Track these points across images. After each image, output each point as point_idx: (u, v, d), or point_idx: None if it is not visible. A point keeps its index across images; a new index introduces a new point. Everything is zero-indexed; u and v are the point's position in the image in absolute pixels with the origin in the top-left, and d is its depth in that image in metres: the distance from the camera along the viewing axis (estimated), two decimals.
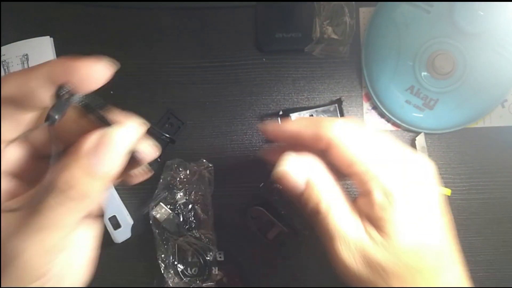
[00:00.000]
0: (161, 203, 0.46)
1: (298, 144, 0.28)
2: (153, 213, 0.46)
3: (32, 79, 0.20)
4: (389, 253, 0.24)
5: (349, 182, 0.45)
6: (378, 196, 0.25)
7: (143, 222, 0.47)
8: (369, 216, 0.25)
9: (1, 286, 0.22)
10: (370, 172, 0.25)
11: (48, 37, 0.50)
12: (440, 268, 0.25)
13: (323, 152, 0.27)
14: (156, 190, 0.46)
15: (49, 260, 0.20)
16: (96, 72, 0.22)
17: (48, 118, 0.19)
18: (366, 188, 0.25)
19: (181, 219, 0.46)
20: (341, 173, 0.27)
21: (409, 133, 0.49)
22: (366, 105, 0.49)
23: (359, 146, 0.26)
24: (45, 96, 0.20)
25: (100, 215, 0.24)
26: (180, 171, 0.47)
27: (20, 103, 0.21)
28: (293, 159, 0.27)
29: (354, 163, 0.25)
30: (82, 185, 0.19)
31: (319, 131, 0.26)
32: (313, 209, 0.26)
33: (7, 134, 0.21)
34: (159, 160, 0.48)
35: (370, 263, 0.25)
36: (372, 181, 0.25)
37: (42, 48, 0.50)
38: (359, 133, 0.26)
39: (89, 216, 0.22)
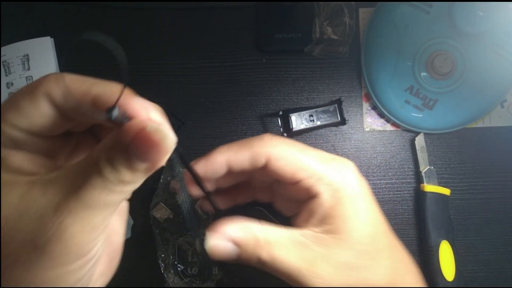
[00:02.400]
0: (161, 203, 0.46)
1: (228, 174, 0.28)
2: (153, 213, 0.46)
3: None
4: (348, 249, 0.25)
5: None
6: (325, 196, 0.26)
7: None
8: (315, 221, 0.26)
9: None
10: (315, 175, 0.26)
11: (49, 37, 0.50)
12: (391, 245, 0.27)
13: (252, 173, 0.28)
14: (156, 190, 0.46)
15: (92, 239, 0.19)
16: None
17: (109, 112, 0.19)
18: (313, 192, 0.26)
19: (181, 219, 0.46)
20: (281, 185, 0.28)
21: (408, 133, 0.49)
22: (366, 105, 0.49)
23: (298, 155, 0.27)
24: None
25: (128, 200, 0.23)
26: (180, 171, 0.47)
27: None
28: (213, 233, 0.26)
29: (298, 169, 0.26)
30: (126, 174, 0.18)
31: (255, 151, 0.27)
32: (259, 264, 0.26)
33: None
34: None
35: (338, 269, 0.25)
36: (318, 183, 0.26)
37: (42, 49, 0.50)
38: (291, 144, 0.27)
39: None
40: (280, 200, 0.31)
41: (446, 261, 0.46)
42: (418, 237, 0.48)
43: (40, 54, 0.50)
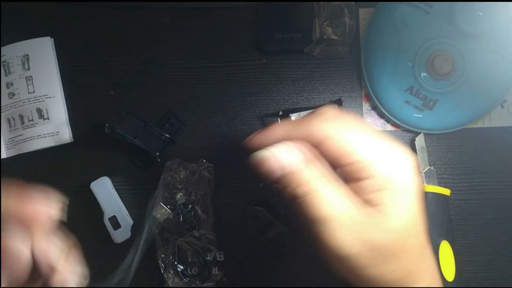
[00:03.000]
0: (161, 203, 0.46)
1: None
2: (153, 213, 0.46)
3: None
4: (385, 231, 0.25)
5: None
6: (378, 180, 0.26)
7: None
8: (366, 200, 0.26)
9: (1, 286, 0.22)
10: (369, 159, 0.26)
11: (49, 37, 0.50)
12: (423, 246, 0.27)
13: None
14: (156, 190, 0.46)
15: None
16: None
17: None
18: (364, 174, 0.26)
19: (181, 219, 0.46)
20: (333, 163, 0.28)
21: (408, 133, 0.49)
22: (366, 106, 0.49)
23: (354, 137, 0.27)
24: None
25: None
26: (180, 171, 0.47)
27: None
28: (275, 147, 0.27)
29: (352, 152, 0.26)
30: None
31: (311, 131, 0.27)
32: (297, 192, 0.26)
33: None
34: (159, 160, 0.48)
35: (370, 244, 0.25)
36: (370, 167, 0.26)
37: (42, 49, 0.50)
38: (350, 125, 0.27)
39: None
40: None
41: (446, 261, 0.46)
42: None
43: (40, 54, 0.50)
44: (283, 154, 0.27)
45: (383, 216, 0.25)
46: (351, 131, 0.27)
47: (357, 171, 0.26)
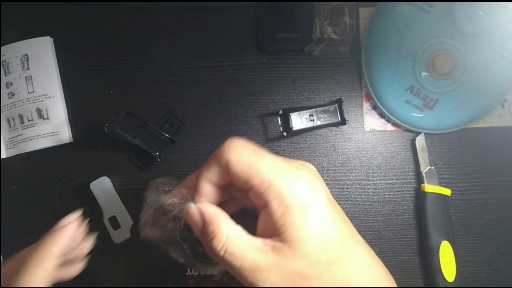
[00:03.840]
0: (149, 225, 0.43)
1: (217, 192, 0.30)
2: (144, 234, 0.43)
3: None
4: (300, 258, 0.25)
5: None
6: (275, 204, 0.26)
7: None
8: (271, 229, 0.26)
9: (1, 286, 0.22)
10: (265, 183, 0.26)
11: (48, 37, 0.50)
12: (347, 254, 0.27)
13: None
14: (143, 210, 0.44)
15: None
16: None
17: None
18: (263, 199, 0.26)
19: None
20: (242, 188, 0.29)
21: (409, 133, 0.49)
22: (366, 105, 0.49)
23: (252, 160, 0.27)
24: None
25: None
26: (167, 190, 0.43)
27: None
28: (197, 197, 0.29)
29: (250, 176, 0.27)
30: None
31: (219, 160, 0.28)
32: (217, 254, 0.27)
33: None
34: (159, 160, 0.48)
35: (289, 277, 0.25)
36: (267, 191, 0.26)
37: (42, 48, 0.50)
38: (251, 151, 0.28)
39: None
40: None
41: (447, 261, 0.46)
42: (418, 237, 0.48)
43: (40, 54, 0.50)
44: (203, 207, 0.28)
45: (289, 245, 0.26)
46: (250, 156, 0.27)
47: (261, 195, 0.26)
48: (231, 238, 0.27)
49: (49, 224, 0.34)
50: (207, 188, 0.29)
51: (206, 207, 0.28)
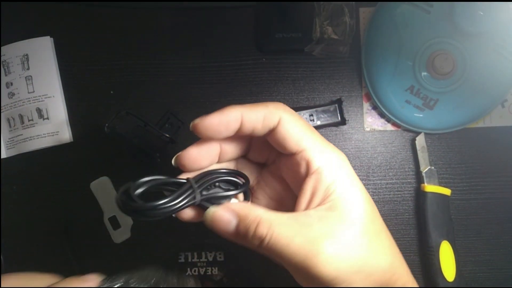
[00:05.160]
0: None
1: (234, 138, 0.29)
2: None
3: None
4: (352, 227, 0.25)
5: None
6: (327, 171, 0.26)
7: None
8: (319, 197, 0.26)
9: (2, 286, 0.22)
10: (317, 148, 0.27)
11: (48, 37, 0.50)
12: (385, 229, 0.28)
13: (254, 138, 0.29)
14: None
15: None
16: None
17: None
18: (314, 164, 0.27)
19: None
20: (282, 158, 0.28)
21: (409, 133, 0.49)
22: (366, 105, 0.49)
23: (305, 125, 0.28)
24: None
25: None
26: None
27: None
28: (218, 208, 0.27)
29: (304, 137, 0.27)
30: None
31: (269, 110, 0.27)
32: (259, 244, 0.26)
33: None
34: (159, 160, 0.48)
35: (346, 249, 0.25)
36: (320, 156, 0.27)
37: (42, 48, 0.50)
38: (300, 116, 0.28)
39: None
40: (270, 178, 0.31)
41: (447, 261, 0.46)
42: (418, 237, 0.48)
43: (40, 54, 0.50)
44: (229, 205, 0.27)
45: (338, 214, 0.25)
46: (302, 121, 0.28)
47: (313, 159, 0.26)
48: (274, 220, 0.25)
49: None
50: (235, 120, 0.27)
51: (232, 204, 0.27)
